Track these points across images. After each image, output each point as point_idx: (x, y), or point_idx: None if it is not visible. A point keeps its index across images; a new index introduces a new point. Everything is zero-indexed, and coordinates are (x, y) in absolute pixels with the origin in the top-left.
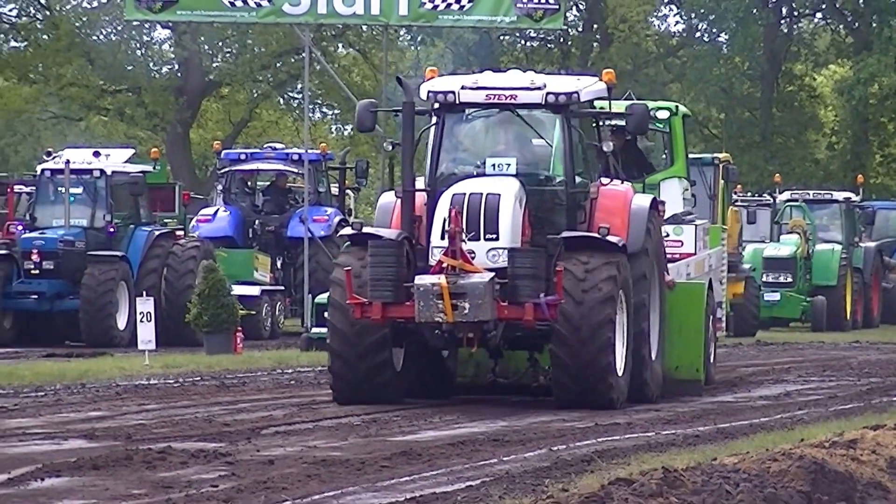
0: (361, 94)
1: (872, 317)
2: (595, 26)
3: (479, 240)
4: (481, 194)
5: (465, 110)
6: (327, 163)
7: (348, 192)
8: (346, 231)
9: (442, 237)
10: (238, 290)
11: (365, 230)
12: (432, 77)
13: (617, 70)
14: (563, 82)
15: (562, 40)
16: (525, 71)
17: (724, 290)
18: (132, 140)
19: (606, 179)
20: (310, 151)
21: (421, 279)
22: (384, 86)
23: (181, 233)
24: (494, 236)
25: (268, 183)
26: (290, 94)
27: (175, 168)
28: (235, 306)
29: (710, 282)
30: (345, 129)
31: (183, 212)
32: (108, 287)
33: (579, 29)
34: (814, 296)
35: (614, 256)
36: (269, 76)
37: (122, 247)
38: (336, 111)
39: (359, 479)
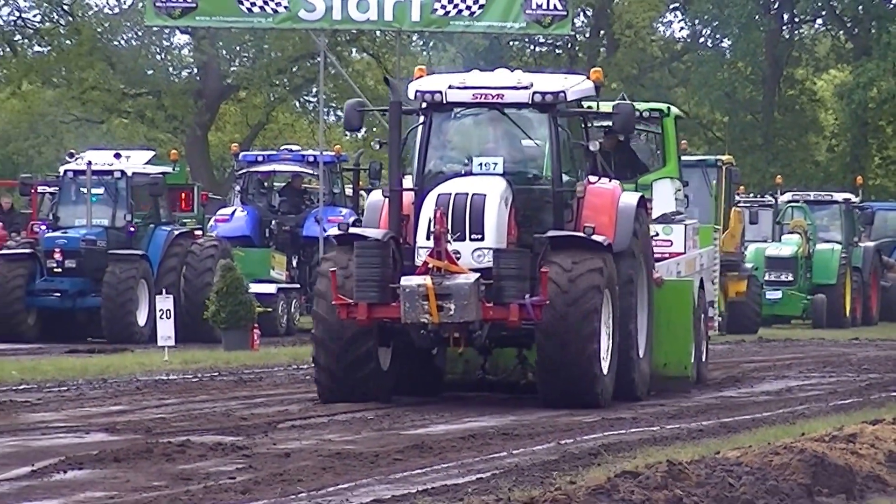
0: (375, 97)
1: (871, 314)
2: (602, 32)
3: (464, 240)
4: (467, 194)
5: (453, 109)
6: (342, 164)
7: (362, 192)
8: (333, 231)
9: (427, 238)
10: (255, 287)
11: (351, 230)
12: (421, 76)
13: (623, 74)
14: (549, 81)
15: (569, 45)
16: (513, 70)
17: (716, 289)
18: (152, 142)
19: (594, 178)
20: (325, 153)
21: (406, 280)
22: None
23: (200, 232)
24: (480, 236)
25: (284, 184)
26: (305, 97)
27: (194, 169)
28: (252, 304)
29: (702, 280)
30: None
31: (201, 212)
32: (129, 285)
33: (586, 34)
34: (814, 294)
35: (600, 255)
36: (285, 80)
37: (143, 246)
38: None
39: (372, 471)
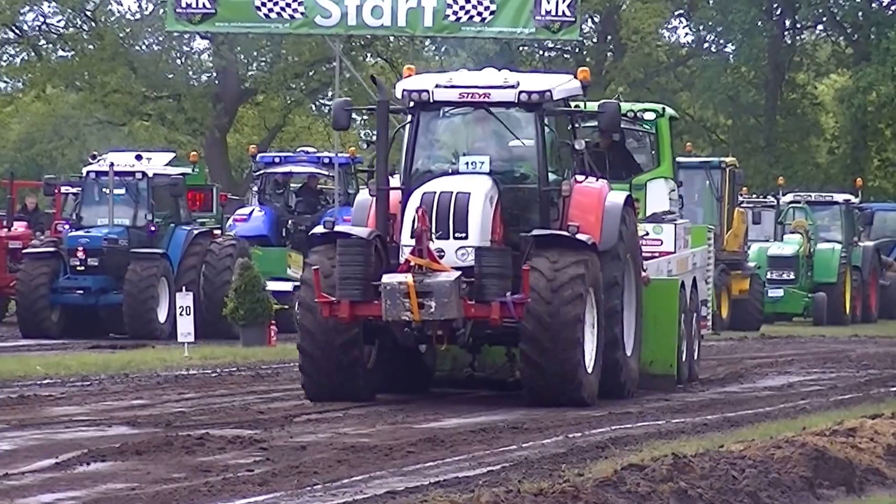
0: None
1: (870, 312)
2: (609, 37)
3: (448, 238)
4: (451, 193)
5: (440, 109)
6: (356, 166)
7: None
8: (318, 229)
9: (411, 236)
10: (272, 285)
11: (336, 229)
12: (409, 75)
13: (629, 79)
14: (536, 80)
15: (577, 50)
16: (500, 69)
17: (710, 288)
18: (172, 144)
19: (581, 177)
20: (340, 155)
21: (388, 278)
22: None
23: (218, 232)
24: (463, 235)
25: (300, 185)
26: (321, 100)
27: (213, 170)
28: (269, 301)
29: (695, 280)
30: (373, 133)
31: (220, 212)
32: (150, 283)
33: (594, 40)
34: (815, 292)
35: (584, 254)
36: (301, 84)
37: (163, 245)
38: (364, 117)
39: (386, 464)
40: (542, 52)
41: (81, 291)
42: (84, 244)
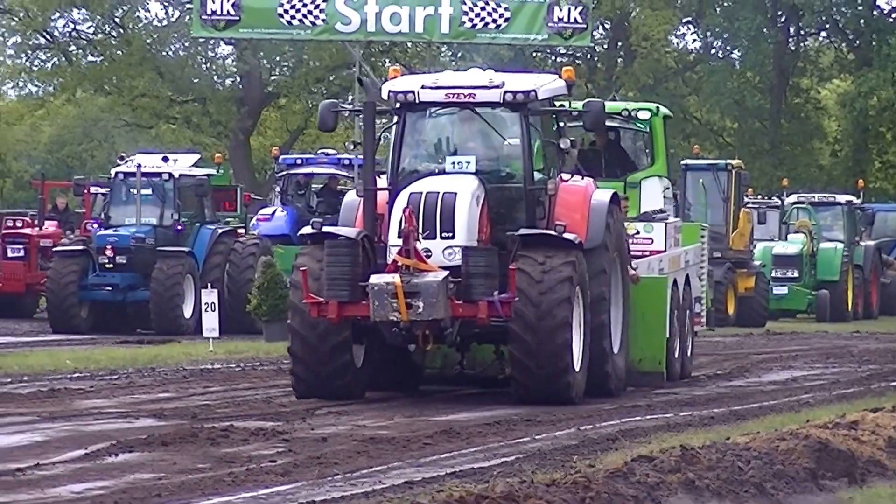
0: None
1: (872, 309)
2: (619, 44)
3: (435, 238)
4: (438, 193)
5: (426, 109)
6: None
7: None
8: (306, 230)
9: (398, 236)
10: None
11: (324, 229)
12: (395, 77)
13: (639, 84)
14: (521, 80)
15: (589, 56)
16: (485, 70)
17: (703, 285)
18: (198, 146)
19: (567, 175)
20: (359, 157)
21: (375, 278)
22: None
23: (242, 231)
24: (450, 235)
25: (321, 185)
26: (341, 104)
27: (237, 172)
28: None
29: (688, 277)
30: (390, 136)
31: (244, 211)
32: (176, 280)
33: (605, 46)
34: (818, 290)
35: (570, 253)
36: (322, 88)
37: (189, 243)
38: (383, 120)
39: (404, 455)
40: (554, 58)
41: (110, 288)
42: (112, 243)
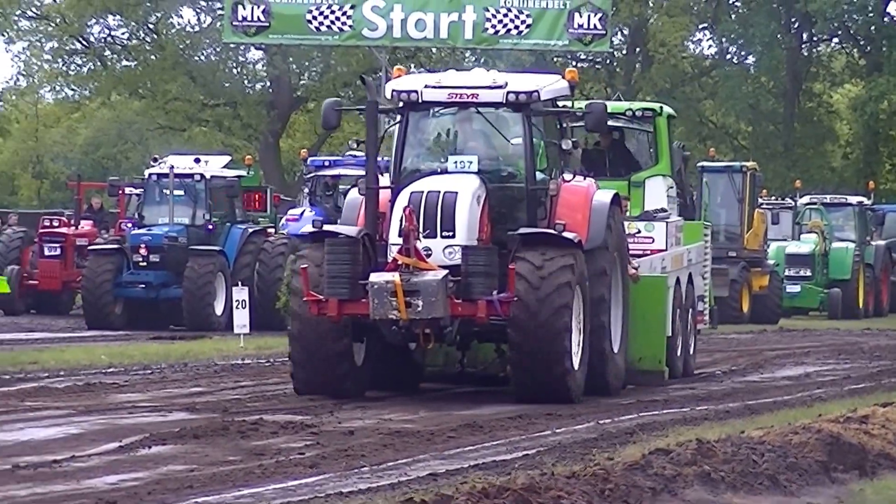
0: None
1: (882, 307)
2: (637, 49)
3: (435, 237)
4: (439, 192)
5: (429, 109)
6: None
7: None
8: (307, 228)
9: (399, 235)
10: None
11: (325, 227)
12: (399, 76)
13: (657, 88)
14: (524, 81)
15: (608, 62)
16: (488, 70)
17: (707, 283)
18: (229, 148)
19: (569, 176)
20: (385, 159)
21: (375, 277)
22: None
23: (272, 230)
24: (451, 234)
25: (349, 186)
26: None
27: (267, 173)
28: None
29: (690, 276)
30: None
31: (273, 212)
32: (208, 278)
33: (624, 52)
34: (830, 288)
35: (570, 252)
36: (350, 92)
37: (220, 242)
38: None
39: (428, 448)
40: (574, 63)
41: (143, 286)
42: (146, 241)
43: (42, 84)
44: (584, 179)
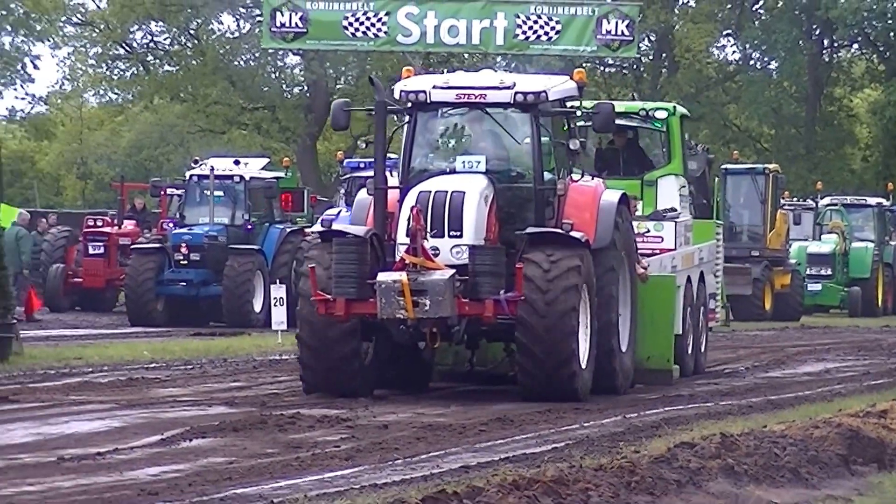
0: None
1: None
2: (664, 55)
3: (443, 237)
4: (446, 192)
5: (437, 109)
6: None
7: None
8: (315, 227)
9: (407, 235)
10: None
11: (334, 227)
12: (408, 77)
13: (682, 93)
14: (532, 82)
15: (635, 67)
16: (497, 71)
17: (718, 281)
18: (267, 150)
19: (577, 176)
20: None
21: (382, 276)
22: None
23: (309, 230)
24: (458, 233)
25: None
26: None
27: (304, 174)
28: None
29: (702, 274)
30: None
31: (310, 212)
32: (247, 276)
33: (650, 57)
34: (850, 287)
35: (578, 252)
36: None
37: (258, 241)
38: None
39: (460, 441)
40: (602, 69)
41: (184, 283)
42: (187, 241)
43: (86, 88)
44: (592, 179)
